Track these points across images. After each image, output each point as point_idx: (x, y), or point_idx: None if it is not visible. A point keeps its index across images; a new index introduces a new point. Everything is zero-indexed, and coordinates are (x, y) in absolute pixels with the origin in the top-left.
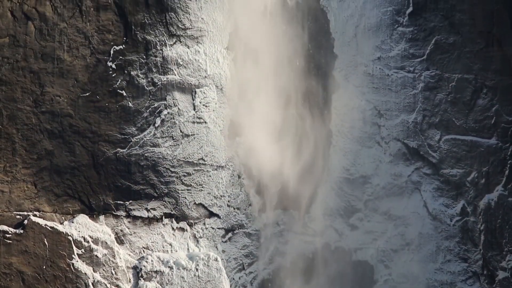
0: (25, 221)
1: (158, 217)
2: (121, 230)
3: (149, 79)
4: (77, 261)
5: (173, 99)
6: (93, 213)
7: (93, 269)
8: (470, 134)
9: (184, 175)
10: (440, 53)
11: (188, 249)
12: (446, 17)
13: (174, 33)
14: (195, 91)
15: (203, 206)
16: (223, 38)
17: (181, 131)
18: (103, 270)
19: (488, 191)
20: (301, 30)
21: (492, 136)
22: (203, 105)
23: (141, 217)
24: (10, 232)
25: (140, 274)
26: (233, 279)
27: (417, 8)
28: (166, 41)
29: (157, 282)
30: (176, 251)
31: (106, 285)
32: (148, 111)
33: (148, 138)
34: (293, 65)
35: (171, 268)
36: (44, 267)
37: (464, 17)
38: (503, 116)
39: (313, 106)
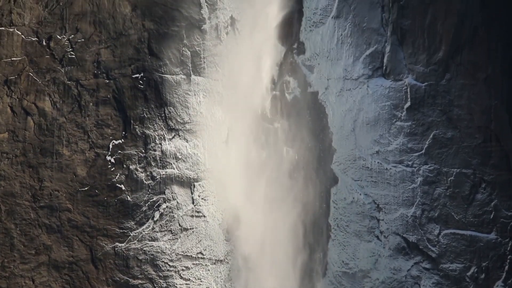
0: None
1: None
2: None
3: (148, 173)
4: None
5: (172, 192)
6: None
7: None
8: (469, 229)
9: (182, 269)
10: (438, 148)
11: None
12: (444, 112)
13: (173, 127)
14: (194, 185)
15: None
16: (222, 132)
17: (179, 225)
18: None
19: (488, 286)
20: (299, 125)
21: (492, 231)
22: (202, 198)
23: None
24: None
25: None
26: None
27: (415, 103)
28: (165, 135)
29: None
30: None
31: None
32: (147, 205)
33: (146, 232)
34: (292, 158)
35: None
36: None
37: (462, 112)
38: (502, 211)
39: (313, 201)
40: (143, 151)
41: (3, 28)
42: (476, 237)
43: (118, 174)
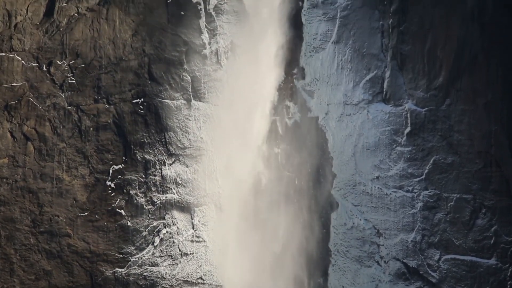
0: None
1: None
2: None
3: (148, 198)
4: None
5: (172, 218)
6: None
7: None
8: (469, 254)
9: None
10: (438, 173)
11: None
12: (444, 137)
13: (173, 152)
14: (194, 210)
15: None
16: (222, 157)
17: (180, 250)
18: None
19: None
20: (299, 150)
21: (492, 257)
22: (202, 223)
23: None
24: None
25: None
26: None
27: (415, 128)
28: (165, 160)
29: None
30: None
31: None
32: (147, 230)
33: (147, 258)
34: (292, 183)
35: None
36: None
37: (462, 138)
38: (502, 237)
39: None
40: (143, 176)
41: (3, 54)
42: (476, 263)
43: (118, 199)
